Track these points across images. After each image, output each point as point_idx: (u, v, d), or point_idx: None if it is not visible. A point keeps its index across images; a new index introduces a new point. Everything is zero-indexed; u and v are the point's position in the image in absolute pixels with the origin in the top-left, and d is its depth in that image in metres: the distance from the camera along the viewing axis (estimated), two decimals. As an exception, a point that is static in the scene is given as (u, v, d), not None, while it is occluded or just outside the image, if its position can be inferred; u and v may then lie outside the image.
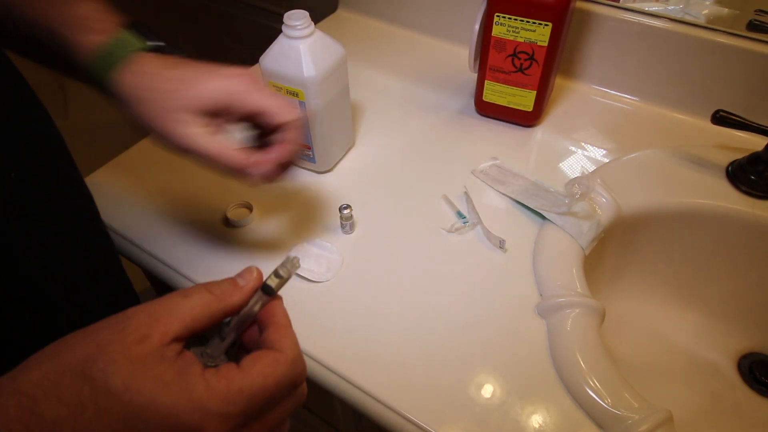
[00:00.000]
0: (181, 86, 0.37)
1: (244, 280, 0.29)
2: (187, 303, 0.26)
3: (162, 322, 0.25)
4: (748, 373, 0.56)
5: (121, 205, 0.56)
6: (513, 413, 0.40)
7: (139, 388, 0.23)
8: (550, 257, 0.49)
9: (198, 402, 0.23)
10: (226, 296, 0.27)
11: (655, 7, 0.62)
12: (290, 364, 0.26)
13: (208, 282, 0.28)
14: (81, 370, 0.23)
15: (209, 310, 0.26)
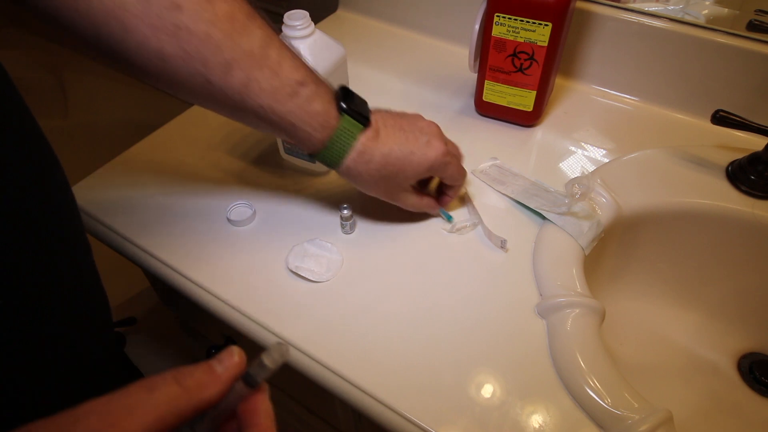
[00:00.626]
0: (399, 170, 0.46)
1: (222, 366, 0.25)
2: (150, 400, 0.22)
3: (118, 426, 0.21)
4: (748, 373, 0.56)
5: (121, 205, 0.56)
6: (513, 413, 0.40)
7: None
8: (550, 257, 0.49)
9: None
10: (199, 389, 0.24)
11: (655, 7, 0.62)
12: None
13: (180, 369, 0.24)
14: None
15: (178, 408, 0.23)
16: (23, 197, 0.33)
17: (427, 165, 0.46)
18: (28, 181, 0.34)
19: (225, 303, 0.48)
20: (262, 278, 0.49)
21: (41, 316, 0.35)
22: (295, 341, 0.45)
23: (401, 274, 0.50)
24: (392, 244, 0.52)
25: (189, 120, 0.67)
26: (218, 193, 0.57)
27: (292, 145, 0.57)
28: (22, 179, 0.33)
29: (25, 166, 0.34)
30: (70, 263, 0.39)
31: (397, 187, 0.48)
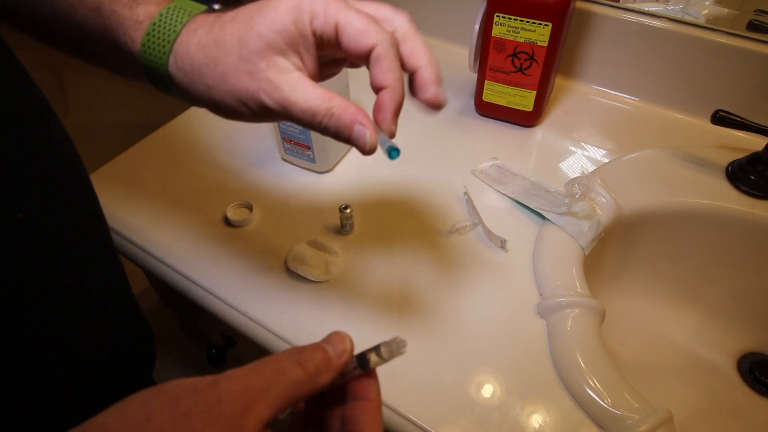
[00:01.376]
0: (244, 27, 0.29)
1: (335, 353, 0.27)
2: (281, 383, 0.24)
3: (256, 408, 0.23)
4: (748, 373, 0.56)
5: (121, 205, 0.56)
6: (513, 413, 0.40)
7: None
8: (550, 257, 0.49)
9: None
10: (318, 375, 0.26)
11: (655, 7, 0.62)
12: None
13: (301, 352, 0.26)
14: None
15: (301, 392, 0.25)
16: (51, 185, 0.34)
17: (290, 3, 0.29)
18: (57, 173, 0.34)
19: (225, 303, 0.48)
20: (262, 278, 0.49)
21: (78, 310, 0.36)
22: (294, 341, 0.45)
23: (401, 274, 0.50)
24: (392, 244, 0.52)
25: (189, 120, 0.67)
26: (218, 193, 0.57)
27: (292, 146, 0.57)
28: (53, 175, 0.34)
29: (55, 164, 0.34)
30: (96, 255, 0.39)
31: (257, 58, 0.29)
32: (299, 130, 0.55)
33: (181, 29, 0.30)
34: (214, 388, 0.23)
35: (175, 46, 0.30)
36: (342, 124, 0.29)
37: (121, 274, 0.43)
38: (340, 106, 0.29)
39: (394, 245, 0.52)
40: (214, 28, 0.30)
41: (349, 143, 0.30)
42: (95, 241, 0.39)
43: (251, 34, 0.29)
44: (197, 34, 0.30)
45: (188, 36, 0.30)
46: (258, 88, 0.29)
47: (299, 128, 0.55)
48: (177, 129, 0.66)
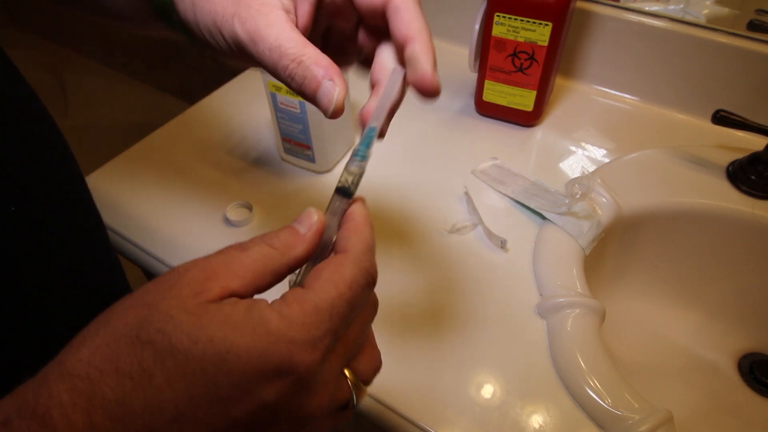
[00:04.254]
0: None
1: (303, 227, 0.25)
2: (246, 256, 0.22)
3: (219, 278, 0.21)
4: (748, 373, 0.55)
5: (121, 205, 0.56)
6: (513, 413, 0.40)
7: (209, 337, 0.19)
8: (550, 257, 0.49)
9: (278, 335, 0.20)
10: (288, 249, 0.24)
11: (655, 7, 0.62)
12: (354, 262, 0.23)
13: (265, 234, 0.24)
14: (136, 335, 0.20)
15: (272, 265, 0.23)
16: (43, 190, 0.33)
17: None
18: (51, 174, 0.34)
19: (225, 303, 0.48)
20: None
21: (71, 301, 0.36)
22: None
23: (401, 273, 0.50)
24: (392, 244, 0.52)
25: (189, 120, 0.67)
26: (218, 193, 0.57)
27: (292, 146, 0.57)
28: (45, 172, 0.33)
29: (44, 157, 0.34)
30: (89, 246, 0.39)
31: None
32: (299, 130, 0.55)
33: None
34: (174, 271, 0.22)
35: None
36: (310, 75, 0.26)
37: (120, 272, 0.43)
38: (313, 56, 0.26)
39: (394, 245, 0.52)
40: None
41: (313, 101, 0.27)
42: (92, 239, 0.39)
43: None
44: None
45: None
46: (234, 13, 0.27)
47: (299, 128, 0.55)
48: (177, 129, 0.66)
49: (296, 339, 0.21)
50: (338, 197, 0.27)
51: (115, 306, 0.21)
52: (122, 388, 0.19)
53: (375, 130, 0.27)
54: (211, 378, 0.19)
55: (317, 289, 0.22)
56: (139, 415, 0.19)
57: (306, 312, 0.21)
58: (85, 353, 0.20)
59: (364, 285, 0.24)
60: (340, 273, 0.23)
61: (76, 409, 0.18)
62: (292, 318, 0.21)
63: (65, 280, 0.35)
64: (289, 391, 0.21)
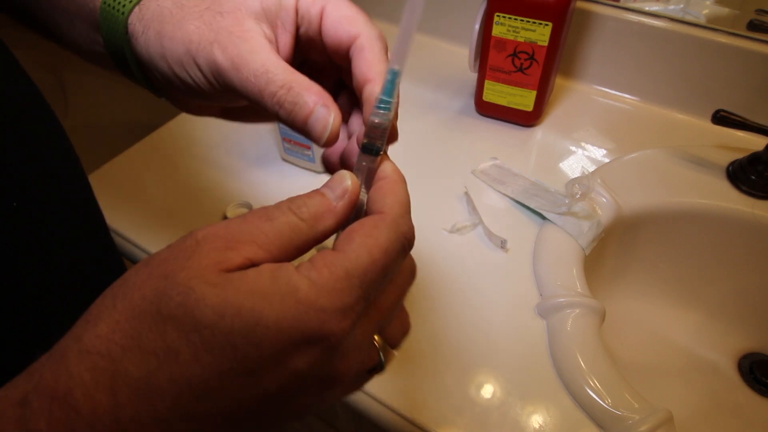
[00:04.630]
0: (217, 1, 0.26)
1: (334, 194, 0.23)
2: (271, 228, 0.21)
3: (241, 248, 0.20)
4: (748, 374, 0.55)
5: (121, 205, 0.56)
6: (513, 413, 0.40)
7: (236, 309, 0.18)
8: (550, 257, 0.49)
9: (308, 304, 0.19)
10: (316, 221, 0.22)
11: (655, 7, 0.62)
12: (391, 226, 0.22)
13: (293, 199, 0.22)
14: (156, 311, 0.19)
15: (298, 239, 0.21)
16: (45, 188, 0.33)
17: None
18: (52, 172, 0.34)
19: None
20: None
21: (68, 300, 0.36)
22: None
23: (401, 274, 0.50)
24: (392, 244, 0.52)
25: (189, 120, 0.67)
26: (218, 193, 0.57)
27: (292, 146, 0.57)
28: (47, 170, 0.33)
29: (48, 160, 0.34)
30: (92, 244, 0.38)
31: (225, 12, 0.26)
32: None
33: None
34: (189, 235, 0.20)
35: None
36: (301, 101, 0.24)
37: (122, 271, 0.43)
38: (303, 82, 0.24)
39: (394, 245, 0.52)
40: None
41: (304, 128, 0.25)
42: (94, 237, 0.39)
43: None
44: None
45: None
46: (213, 40, 0.25)
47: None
48: (177, 129, 0.66)
49: (326, 307, 0.19)
50: (364, 156, 0.24)
51: (130, 275, 0.20)
52: (147, 366, 0.18)
53: (398, 74, 0.23)
54: (240, 351, 0.18)
55: (349, 253, 0.21)
56: (167, 393, 0.18)
57: (337, 278, 0.20)
58: (104, 329, 0.19)
59: (400, 250, 0.22)
60: (375, 238, 0.21)
61: (99, 389, 0.18)
62: (322, 285, 0.20)
63: (66, 277, 0.35)
64: (319, 359, 0.20)
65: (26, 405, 0.17)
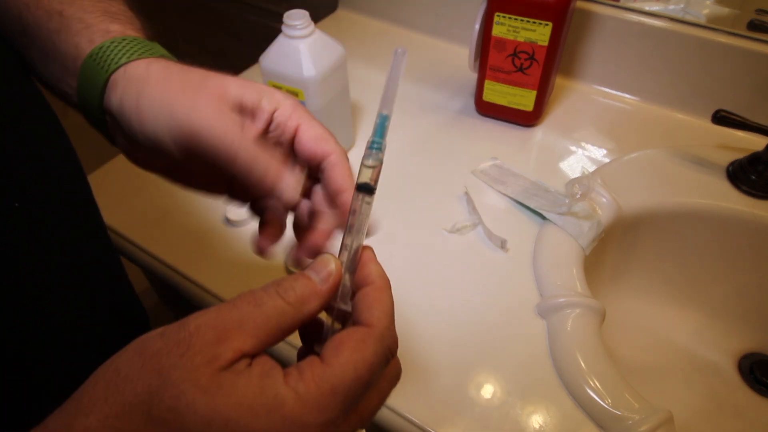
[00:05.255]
0: (213, 74, 0.29)
1: (319, 278, 0.24)
2: (260, 314, 0.22)
3: (232, 339, 0.21)
4: (748, 374, 0.55)
5: (121, 205, 0.56)
6: (513, 413, 0.40)
7: (224, 420, 0.19)
8: (551, 257, 0.49)
9: (292, 420, 0.20)
10: (302, 305, 0.23)
11: (656, 6, 0.62)
12: (378, 340, 0.23)
13: (280, 283, 0.24)
14: (148, 411, 0.20)
15: (285, 323, 0.23)
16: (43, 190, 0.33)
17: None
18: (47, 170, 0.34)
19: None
20: (262, 278, 0.49)
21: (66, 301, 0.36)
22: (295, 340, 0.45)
23: (401, 274, 0.50)
24: (392, 244, 0.52)
25: (189, 120, 0.67)
26: (218, 193, 0.57)
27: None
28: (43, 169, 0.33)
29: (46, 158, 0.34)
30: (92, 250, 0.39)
31: (209, 91, 0.28)
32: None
33: (149, 54, 0.30)
34: (183, 327, 0.21)
35: (135, 59, 0.29)
36: (272, 170, 0.27)
37: (120, 271, 0.43)
38: (269, 157, 0.27)
39: (394, 245, 0.52)
40: (169, 71, 0.29)
41: (269, 194, 0.28)
42: (93, 237, 0.39)
43: (215, 79, 0.29)
44: (162, 63, 0.30)
45: (154, 61, 0.30)
46: (192, 106, 0.27)
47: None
48: (177, 129, 0.66)
49: (310, 423, 0.21)
50: (361, 195, 0.26)
51: (122, 364, 0.21)
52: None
53: (387, 118, 0.26)
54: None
55: (336, 368, 0.22)
56: None
57: (322, 393, 0.21)
58: (94, 422, 0.19)
59: (384, 363, 0.24)
60: (362, 352, 0.22)
61: None
62: (308, 400, 0.21)
63: (66, 277, 0.35)
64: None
65: None
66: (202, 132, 0.27)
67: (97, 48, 0.30)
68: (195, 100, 0.27)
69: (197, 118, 0.27)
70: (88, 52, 0.30)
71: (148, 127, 0.28)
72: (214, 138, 0.27)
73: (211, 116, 0.27)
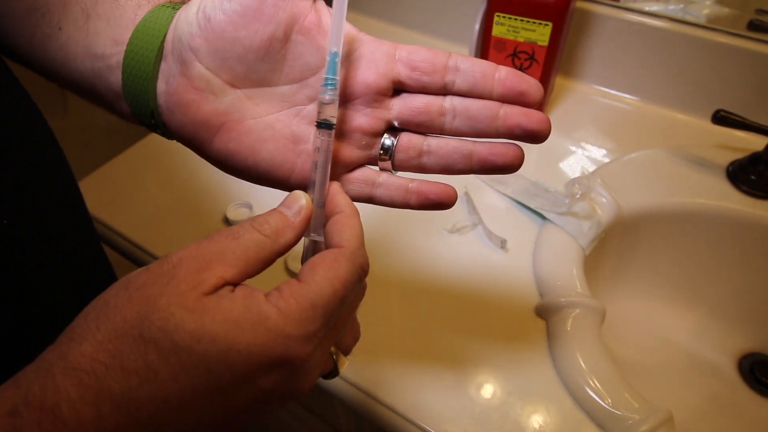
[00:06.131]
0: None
1: (291, 212, 0.26)
2: (238, 245, 0.24)
3: (213, 268, 0.22)
4: (748, 374, 0.55)
5: (121, 205, 0.56)
6: (513, 413, 0.40)
7: (211, 336, 0.21)
8: (551, 257, 0.49)
9: (276, 331, 0.22)
10: (277, 236, 0.25)
11: (655, 7, 0.62)
12: (350, 259, 0.24)
13: (255, 218, 0.25)
14: (139, 333, 0.20)
15: (263, 253, 0.24)
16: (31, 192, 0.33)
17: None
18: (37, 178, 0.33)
19: (225, 303, 0.48)
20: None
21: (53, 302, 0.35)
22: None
23: (401, 273, 0.50)
24: (392, 244, 0.52)
25: (189, 120, 0.67)
26: (218, 193, 0.57)
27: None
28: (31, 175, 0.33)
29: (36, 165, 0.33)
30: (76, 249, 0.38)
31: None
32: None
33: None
34: (166, 260, 0.23)
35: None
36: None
37: (108, 267, 0.43)
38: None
39: (394, 245, 0.52)
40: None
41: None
42: (84, 247, 0.38)
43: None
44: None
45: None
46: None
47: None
48: (177, 129, 0.66)
49: (293, 335, 0.22)
50: (322, 132, 0.26)
51: (110, 297, 0.22)
52: (128, 383, 0.20)
53: (337, 54, 0.27)
54: (214, 373, 0.21)
55: (313, 284, 0.23)
56: (145, 407, 0.20)
57: (302, 308, 0.22)
58: (88, 348, 0.20)
59: (357, 280, 0.25)
60: (336, 270, 0.24)
61: (85, 402, 0.19)
62: (290, 314, 0.22)
63: (57, 294, 0.34)
64: (284, 378, 0.23)
65: (17, 415, 0.19)
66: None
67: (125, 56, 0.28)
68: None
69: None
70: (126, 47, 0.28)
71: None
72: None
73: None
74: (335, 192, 0.27)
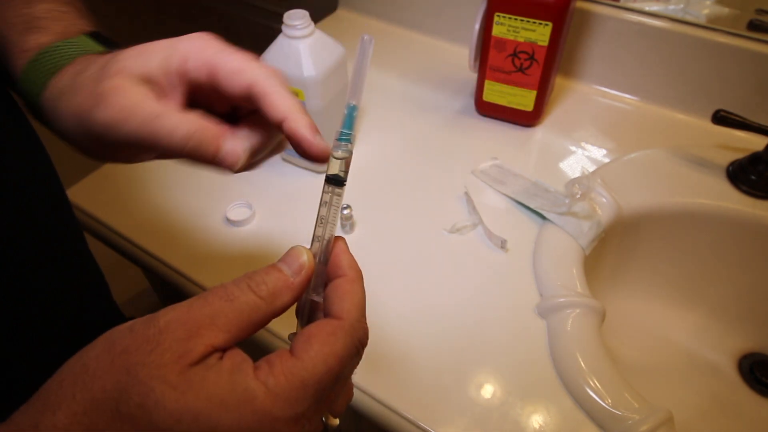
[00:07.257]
0: (112, 58, 0.27)
1: (291, 271, 0.24)
2: (231, 309, 0.22)
3: (203, 335, 0.21)
4: (748, 374, 0.55)
5: (120, 205, 0.56)
6: (513, 413, 0.40)
7: (194, 414, 0.19)
8: (551, 257, 0.49)
9: (263, 413, 0.20)
10: (274, 299, 0.23)
11: (656, 7, 0.62)
12: (348, 333, 0.23)
13: (252, 276, 0.23)
14: (116, 408, 0.19)
15: (257, 317, 0.22)
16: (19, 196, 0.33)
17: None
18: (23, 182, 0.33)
19: (225, 303, 0.48)
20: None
21: (45, 311, 0.35)
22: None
23: (401, 274, 0.50)
24: (392, 244, 0.52)
25: (189, 120, 0.67)
26: (218, 193, 0.57)
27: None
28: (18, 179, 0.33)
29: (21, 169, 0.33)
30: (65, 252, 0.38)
31: (108, 77, 0.27)
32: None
33: (63, 63, 0.29)
34: (152, 322, 0.21)
35: (51, 79, 0.29)
36: (205, 141, 0.27)
37: (103, 287, 0.42)
38: (196, 122, 0.26)
39: (394, 245, 0.52)
40: (93, 59, 0.28)
41: (212, 164, 0.27)
42: (71, 257, 0.38)
43: (115, 64, 0.27)
44: (70, 73, 0.29)
45: (65, 73, 0.29)
46: (95, 104, 0.26)
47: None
48: (177, 129, 0.66)
49: (280, 417, 0.21)
50: (330, 187, 0.26)
51: (90, 360, 0.21)
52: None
53: (356, 108, 0.25)
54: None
55: (307, 361, 0.22)
56: None
57: (293, 387, 0.21)
58: (62, 419, 0.19)
59: (354, 355, 0.23)
60: (332, 345, 0.22)
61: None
62: (278, 393, 0.21)
63: (43, 300, 0.34)
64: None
65: None
66: (111, 125, 0.26)
67: (21, 76, 0.30)
68: (97, 98, 0.26)
69: (103, 117, 0.26)
70: (20, 76, 0.30)
71: (78, 138, 0.29)
72: (123, 125, 0.26)
73: (114, 107, 0.26)
74: (340, 251, 0.26)
